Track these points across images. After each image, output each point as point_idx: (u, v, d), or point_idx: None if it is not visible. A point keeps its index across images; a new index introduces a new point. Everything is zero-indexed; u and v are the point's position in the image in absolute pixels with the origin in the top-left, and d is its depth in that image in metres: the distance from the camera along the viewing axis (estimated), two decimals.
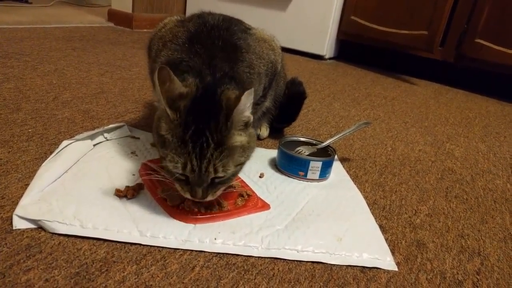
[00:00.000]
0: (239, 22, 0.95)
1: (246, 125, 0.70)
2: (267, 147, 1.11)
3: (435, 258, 0.72)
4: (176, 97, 0.65)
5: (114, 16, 2.73)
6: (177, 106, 0.65)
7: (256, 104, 1.01)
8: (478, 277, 0.69)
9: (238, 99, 0.63)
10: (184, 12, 2.94)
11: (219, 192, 0.71)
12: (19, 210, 0.66)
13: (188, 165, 0.64)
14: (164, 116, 0.67)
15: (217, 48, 0.80)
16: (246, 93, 0.63)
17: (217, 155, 0.65)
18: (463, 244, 0.78)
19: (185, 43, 0.82)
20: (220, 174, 0.67)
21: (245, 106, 0.65)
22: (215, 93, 0.69)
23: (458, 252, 0.75)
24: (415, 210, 0.88)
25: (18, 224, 0.64)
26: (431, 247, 0.75)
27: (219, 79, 0.74)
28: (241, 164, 0.71)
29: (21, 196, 0.70)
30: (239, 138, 0.68)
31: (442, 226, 0.83)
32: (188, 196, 0.69)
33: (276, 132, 1.20)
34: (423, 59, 2.31)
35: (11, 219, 0.65)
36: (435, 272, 0.68)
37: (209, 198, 0.69)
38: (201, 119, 0.65)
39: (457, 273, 0.69)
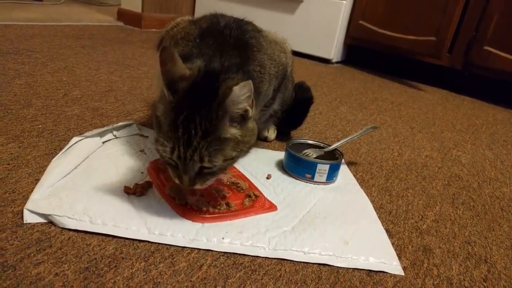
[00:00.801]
0: (250, 23, 0.96)
1: (243, 118, 0.66)
2: (274, 148, 1.12)
3: (442, 264, 0.72)
4: (177, 78, 0.63)
5: (124, 16, 2.74)
6: (176, 88, 0.63)
7: (265, 106, 1.02)
8: (485, 284, 0.69)
9: (230, 89, 0.60)
10: (193, 13, 2.95)
11: (209, 182, 0.69)
12: (29, 205, 0.66)
13: (175, 151, 0.63)
14: (163, 97, 0.65)
15: (229, 45, 0.79)
16: (241, 84, 0.60)
17: (204, 145, 0.62)
18: (470, 250, 0.78)
19: (196, 39, 0.82)
20: (206, 165, 0.64)
21: (239, 97, 0.62)
22: (217, 79, 0.67)
23: (465, 259, 0.75)
24: (422, 215, 0.88)
25: (29, 218, 0.65)
26: (438, 253, 0.75)
27: (227, 67, 0.72)
28: (233, 159, 0.68)
29: (32, 190, 0.71)
30: (231, 131, 0.65)
31: (448, 232, 0.83)
32: (177, 182, 0.68)
33: (283, 135, 1.20)
34: (431, 65, 2.30)
35: (22, 213, 0.65)
36: (441, 278, 0.68)
37: (197, 186, 0.68)
38: (195, 105, 0.63)
39: (464, 280, 0.69)
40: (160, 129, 0.65)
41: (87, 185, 0.75)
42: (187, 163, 0.64)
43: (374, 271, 0.67)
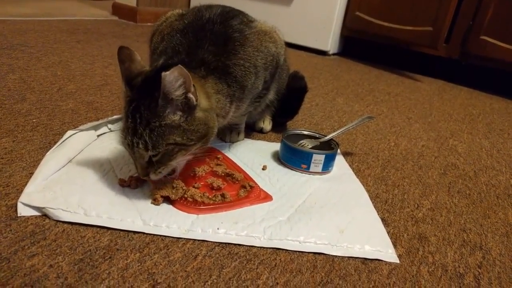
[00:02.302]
0: (240, 14, 0.95)
1: (188, 106, 0.67)
2: (270, 140, 1.11)
3: (437, 251, 0.72)
4: (134, 75, 0.69)
5: (119, 10, 2.73)
6: (133, 84, 0.68)
7: (258, 97, 1.01)
8: (479, 270, 0.69)
9: (162, 77, 0.61)
10: (188, 5, 2.93)
11: (164, 172, 0.70)
12: (23, 198, 0.66)
13: (125, 140, 0.68)
14: (122, 92, 0.71)
15: (207, 40, 0.82)
16: (171, 70, 0.61)
17: (147, 132, 0.65)
18: (465, 238, 0.78)
19: (177, 33, 0.84)
20: (151, 152, 0.66)
21: (172, 83, 0.63)
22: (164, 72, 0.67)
23: (460, 246, 0.75)
24: (418, 204, 0.88)
25: (23, 211, 0.64)
26: (433, 240, 0.75)
27: (187, 63, 0.74)
28: (179, 145, 0.68)
29: (26, 184, 0.71)
30: (173, 117, 0.67)
31: (444, 220, 0.83)
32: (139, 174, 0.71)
33: (279, 126, 1.20)
34: (428, 55, 2.30)
35: (16, 206, 0.65)
36: (436, 265, 0.68)
37: (153, 177, 0.69)
38: (142, 96, 0.67)
39: (459, 266, 0.69)
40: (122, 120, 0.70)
41: (81, 178, 0.75)
42: (135, 150, 0.67)
43: (369, 259, 0.67)
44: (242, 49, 0.86)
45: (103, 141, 0.92)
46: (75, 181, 0.74)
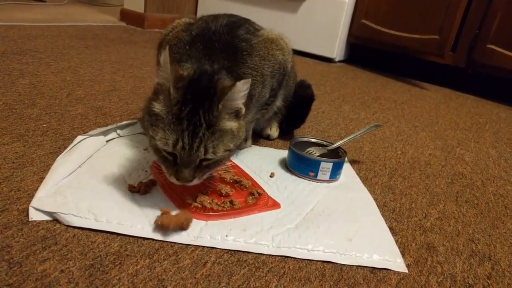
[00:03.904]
0: (246, 22, 0.95)
1: (237, 114, 0.71)
2: (277, 147, 1.12)
3: (446, 261, 0.72)
4: (179, 77, 0.67)
5: (127, 16, 2.75)
6: (179, 86, 0.67)
7: (266, 104, 1.02)
8: (488, 281, 0.68)
9: (233, 85, 0.65)
10: (195, 12, 2.96)
11: (204, 177, 0.71)
12: (35, 202, 0.67)
13: (179, 143, 0.65)
14: (162, 94, 0.67)
15: (218, 50, 0.82)
16: (243, 80, 0.65)
17: (209, 135, 0.66)
18: (474, 248, 0.77)
19: (185, 45, 0.85)
20: (209, 156, 0.67)
21: (239, 94, 0.67)
22: (211, 78, 0.72)
23: (469, 256, 0.75)
24: (425, 213, 0.88)
25: (34, 216, 0.65)
26: (442, 250, 0.75)
27: (217, 70, 0.76)
28: (230, 151, 0.71)
29: (37, 189, 0.71)
30: (229, 123, 0.69)
31: (452, 230, 0.83)
32: (173, 179, 0.69)
33: (286, 133, 1.21)
34: (434, 63, 2.30)
35: (27, 211, 0.66)
36: (445, 275, 0.68)
37: (195, 182, 0.69)
38: (197, 99, 0.66)
39: (468, 277, 0.69)
40: (159, 125, 0.66)
41: (91, 183, 0.76)
42: (192, 153, 0.65)
43: (377, 268, 0.67)
44: (249, 58, 0.87)
45: (112, 146, 0.93)
46: (85, 187, 0.74)
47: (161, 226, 0.65)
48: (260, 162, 0.98)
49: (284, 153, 1.03)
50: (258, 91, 0.90)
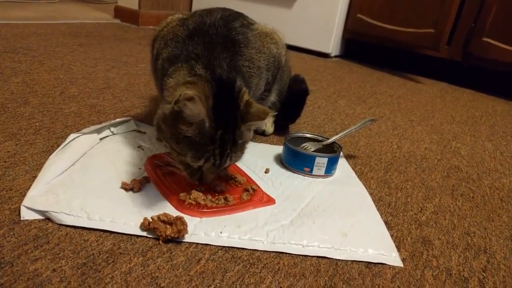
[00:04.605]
0: (240, 16, 0.95)
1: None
2: (272, 143, 1.11)
3: (441, 255, 0.72)
4: (207, 106, 0.67)
5: (121, 13, 2.73)
6: (208, 110, 0.67)
7: (261, 99, 1.01)
8: (484, 274, 0.68)
9: (261, 118, 0.72)
10: (190, 9, 2.94)
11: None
12: (26, 201, 0.66)
13: (211, 160, 0.70)
14: (193, 122, 0.67)
15: (216, 43, 0.82)
16: (271, 114, 0.72)
17: (235, 149, 0.72)
18: (469, 241, 0.77)
19: (184, 40, 0.84)
20: (232, 163, 0.76)
21: (264, 122, 0.75)
22: (233, 90, 0.73)
23: (464, 250, 0.74)
24: (421, 207, 0.88)
25: (26, 215, 0.64)
26: (437, 244, 0.75)
27: (228, 71, 0.76)
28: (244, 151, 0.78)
29: (29, 187, 0.71)
30: (248, 134, 0.76)
31: (448, 224, 0.83)
32: (194, 181, 0.74)
33: (282, 129, 1.20)
34: (430, 57, 2.29)
35: (19, 210, 0.65)
36: (440, 269, 0.68)
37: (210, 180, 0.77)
38: (226, 121, 0.70)
39: (463, 270, 0.68)
40: (188, 145, 0.69)
41: (84, 182, 0.75)
42: (220, 166, 0.72)
43: (373, 263, 0.67)
44: (246, 51, 0.87)
45: (106, 144, 0.92)
46: (78, 185, 0.74)
47: (155, 232, 0.64)
48: (255, 158, 0.97)
49: (279, 149, 1.03)
50: (255, 83, 0.90)
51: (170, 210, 0.71)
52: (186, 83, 0.71)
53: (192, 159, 0.69)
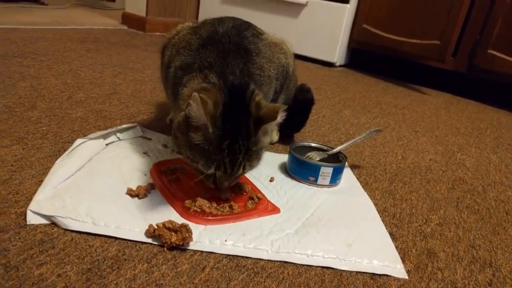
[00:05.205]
0: (250, 26, 0.96)
1: (269, 131, 0.76)
2: (277, 151, 1.11)
3: (446, 267, 0.71)
4: (213, 112, 0.68)
5: (128, 19, 2.76)
6: (216, 118, 0.68)
7: None
8: None
9: (273, 116, 0.69)
10: (197, 16, 2.96)
11: (236, 181, 0.79)
12: (33, 206, 0.66)
13: (221, 168, 0.70)
14: (200, 127, 0.68)
15: (229, 51, 0.83)
16: (282, 110, 0.69)
17: (247, 158, 0.72)
18: (475, 254, 0.77)
19: (198, 48, 0.85)
20: (246, 171, 0.74)
21: (278, 120, 0.71)
22: (243, 96, 0.74)
23: (470, 263, 0.74)
24: (426, 219, 0.87)
25: (32, 219, 0.65)
26: (442, 256, 0.74)
27: (241, 77, 0.77)
28: (261, 158, 0.78)
29: (35, 192, 0.71)
30: (264, 140, 0.75)
31: (453, 236, 0.82)
32: (211, 186, 0.75)
33: (287, 137, 1.20)
34: (435, 68, 2.30)
35: (25, 214, 0.65)
36: (446, 281, 0.68)
37: (231, 185, 0.77)
38: (235, 128, 0.70)
39: (469, 284, 0.68)
40: (199, 153, 0.70)
41: (90, 187, 0.75)
42: (232, 175, 0.72)
43: (377, 274, 0.66)
44: (258, 59, 0.88)
45: (112, 150, 0.92)
46: (84, 190, 0.74)
47: (160, 239, 0.64)
48: (260, 167, 0.95)
49: (284, 158, 1.03)
50: (264, 92, 0.91)
51: (175, 217, 0.71)
52: (200, 90, 0.72)
53: (203, 167, 0.70)
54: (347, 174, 1.01)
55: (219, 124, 0.68)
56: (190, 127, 0.69)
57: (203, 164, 0.70)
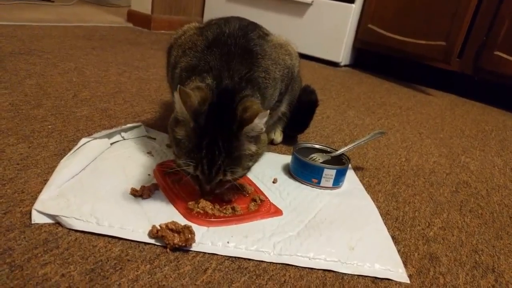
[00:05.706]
0: (256, 27, 0.96)
1: (258, 135, 0.74)
2: (280, 152, 1.12)
3: (448, 272, 0.71)
4: (196, 108, 0.69)
5: (133, 17, 2.77)
6: (199, 114, 0.69)
7: (271, 110, 1.02)
8: None
9: (251, 120, 0.68)
10: (202, 15, 2.96)
11: (226, 187, 0.76)
12: (38, 205, 0.67)
13: (199, 168, 0.70)
14: (184, 122, 0.70)
15: (234, 54, 0.83)
16: (260, 114, 0.67)
17: (228, 162, 0.70)
18: (477, 259, 0.77)
19: (203, 50, 0.85)
20: (228, 178, 0.72)
21: (258, 125, 0.69)
22: (233, 100, 0.74)
23: (472, 268, 0.74)
24: (429, 222, 0.87)
25: (37, 218, 0.65)
26: (444, 261, 0.74)
27: (238, 83, 0.78)
28: (249, 168, 0.76)
29: (40, 191, 0.72)
30: (249, 147, 0.73)
31: (456, 240, 0.82)
32: (197, 188, 0.75)
33: (290, 138, 1.20)
34: (440, 69, 2.29)
35: (30, 213, 0.66)
36: (448, 287, 0.67)
37: (216, 191, 0.76)
38: (217, 128, 0.69)
39: None
40: (182, 149, 0.71)
41: (94, 187, 0.76)
42: (211, 177, 0.71)
43: (379, 278, 0.67)
44: (263, 62, 0.88)
45: (116, 149, 0.93)
46: (88, 190, 0.74)
47: (163, 239, 0.65)
48: (263, 168, 0.97)
49: (287, 159, 1.03)
50: (270, 94, 0.91)
51: (178, 218, 0.71)
52: (194, 88, 0.74)
53: (184, 164, 0.70)
54: (350, 176, 1.01)
55: (201, 121, 0.69)
56: (177, 122, 0.71)
57: (184, 161, 0.70)
